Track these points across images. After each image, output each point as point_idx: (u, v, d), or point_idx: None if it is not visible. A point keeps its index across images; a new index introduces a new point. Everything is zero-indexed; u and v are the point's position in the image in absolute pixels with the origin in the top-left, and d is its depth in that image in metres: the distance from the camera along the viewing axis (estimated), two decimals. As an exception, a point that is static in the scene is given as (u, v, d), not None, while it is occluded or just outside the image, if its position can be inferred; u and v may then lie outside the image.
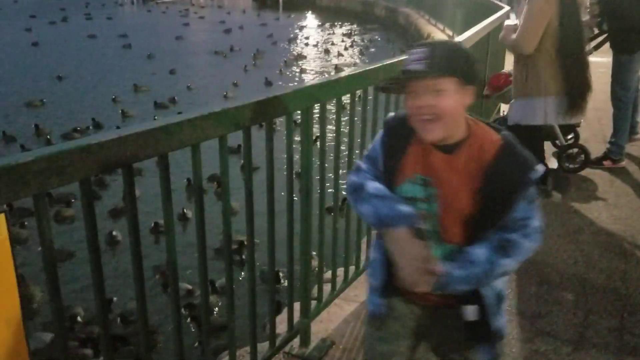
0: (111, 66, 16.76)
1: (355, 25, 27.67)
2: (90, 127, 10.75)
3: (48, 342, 4.94)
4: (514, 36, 4.22)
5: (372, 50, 21.39)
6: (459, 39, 4.06)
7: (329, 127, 2.73)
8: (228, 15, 28.65)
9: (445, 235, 1.56)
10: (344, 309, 2.96)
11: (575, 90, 4.16)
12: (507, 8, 7.40)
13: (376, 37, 24.56)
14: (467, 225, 1.52)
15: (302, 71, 17.71)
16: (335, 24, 28.27)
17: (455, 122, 1.50)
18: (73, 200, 7.77)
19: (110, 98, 13.05)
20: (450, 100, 1.46)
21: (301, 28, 27.52)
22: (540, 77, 4.14)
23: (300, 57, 20.10)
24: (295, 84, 13.85)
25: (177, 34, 23.47)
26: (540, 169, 1.49)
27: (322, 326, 2.80)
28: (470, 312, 1.59)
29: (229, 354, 2.19)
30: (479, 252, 1.49)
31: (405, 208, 1.54)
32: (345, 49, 21.79)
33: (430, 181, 1.55)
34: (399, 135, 1.62)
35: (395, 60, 2.94)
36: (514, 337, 2.72)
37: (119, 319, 5.47)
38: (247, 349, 2.39)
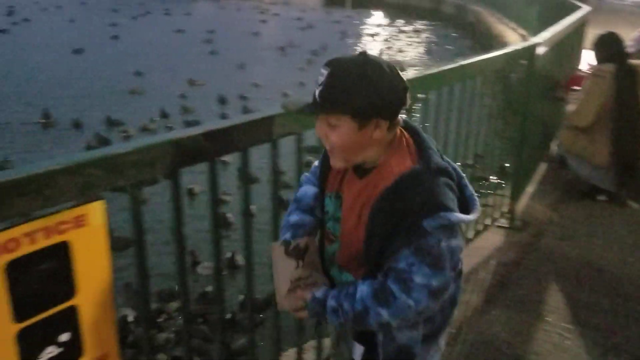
0: (189, 61, 17.22)
1: (422, 23, 27.31)
2: (158, 118, 10.97)
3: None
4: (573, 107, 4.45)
5: (438, 48, 21.05)
6: (535, 39, 3.96)
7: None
8: (302, 13, 28.91)
9: (343, 262, 1.46)
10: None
11: (626, 164, 4.24)
12: (587, 9, 7.09)
13: (443, 35, 24.14)
14: (359, 258, 1.39)
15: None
16: (403, 21, 28.00)
17: (359, 154, 1.35)
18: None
19: (178, 94, 13.35)
20: (343, 136, 1.31)
21: (369, 25, 27.43)
22: (594, 143, 4.24)
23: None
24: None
25: (254, 30, 23.87)
26: (448, 217, 1.25)
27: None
28: (357, 351, 1.49)
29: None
30: (360, 288, 1.35)
31: (293, 218, 1.54)
32: (410, 45, 21.56)
33: (342, 200, 1.45)
34: None
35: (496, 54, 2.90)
36: (586, 353, 2.64)
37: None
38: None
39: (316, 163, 1.63)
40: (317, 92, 1.30)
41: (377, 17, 31.03)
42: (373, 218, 1.31)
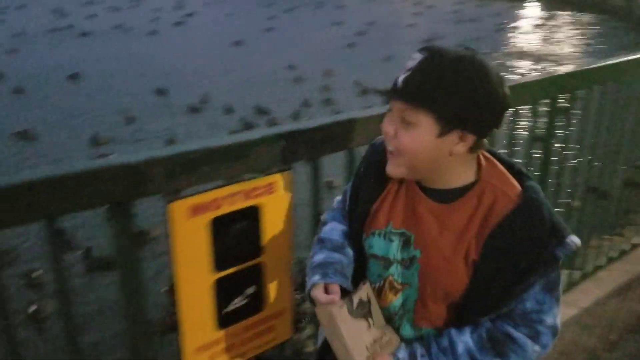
0: (338, 53, 17.64)
1: (587, 15, 25.42)
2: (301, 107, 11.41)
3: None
4: None
5: (601, 42, 19.49)
6: None
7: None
8: (459, 5, 28.32)
9: (421, 315, 1.17)
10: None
11: None
12: None
13: (609, 28, 22.28)
14: (454, 307, 1.13)
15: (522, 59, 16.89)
16: (565, 12, 26.30)
17: (429, 167, 1.10)
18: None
19: (321, 85, 13.71)
20: (418, 139, 1.06)
21: (528, 17, 26.16)
22: None
23: (520, 48, 19.14)
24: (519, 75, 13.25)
25: (408, 22, 23.83)
26: (574, 241, 1.06)
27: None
28: None
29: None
30: (460, 339, 1.10)
31: (318, 257, 1.25)
32: (571, 38, 20.20)
33: (410, 237, 1.16)
34: (379, 164, 1.20)
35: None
36: None
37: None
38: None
39: (339, 197, 1.40)
40: (401, 77, 1.07)
41: (536, 9, 29.47)
42: (492, 250, 1.06)
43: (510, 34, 21.49)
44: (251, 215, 1.50)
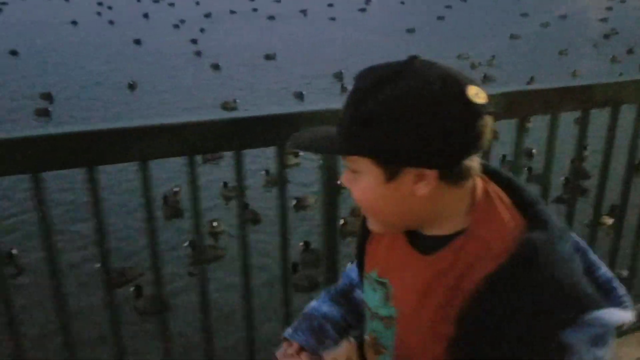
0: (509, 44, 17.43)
1: None
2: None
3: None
4: None
5: None
6: None
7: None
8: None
9: None
10: None
11: None
12: None
13: None
14: None
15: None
16: None
17: (402, 217, 0.86)
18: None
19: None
20: (366, 188, 0.83)
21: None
22: None
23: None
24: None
25: (600, 16, 22.69)
26: (604, 320, 0.74)
27: None
28: None
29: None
30: None
31: (322, 308, 1.10)
32: None
33: (389, 290, 0.92)
34: None
35: None
36: None
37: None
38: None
39: None
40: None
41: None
42: (470, 324, 0.78)
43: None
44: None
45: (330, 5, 25.58)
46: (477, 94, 0.77)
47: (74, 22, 21.88)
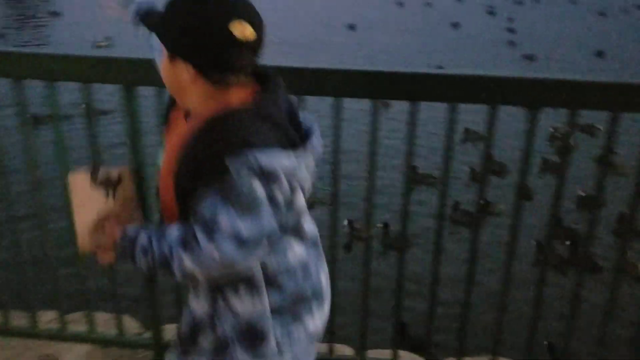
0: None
1: None
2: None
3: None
4: None
5: None
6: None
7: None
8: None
9: (164, 213, 1.30)
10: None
11: None
12: None
13: None
14: (174, 208, 1.23)
15: None
16: None
17: (181, 96, 1.21)
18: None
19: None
20: (163, 68, 1.20)
21: None
22: None
23: None
24: None
25: None
26: (256, 157, 1.07)
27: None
28: (185, 319, 1.37)
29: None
30: (170, 231, 1.19)
31: None
32: None
33: (164, 146, 1.31)
34: None
35: None
36: None
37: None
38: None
39: None
40: None
41: None
42: (179, 163, 1.16)
43: None
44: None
45: None
46: (241, 30, 1.08)
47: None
